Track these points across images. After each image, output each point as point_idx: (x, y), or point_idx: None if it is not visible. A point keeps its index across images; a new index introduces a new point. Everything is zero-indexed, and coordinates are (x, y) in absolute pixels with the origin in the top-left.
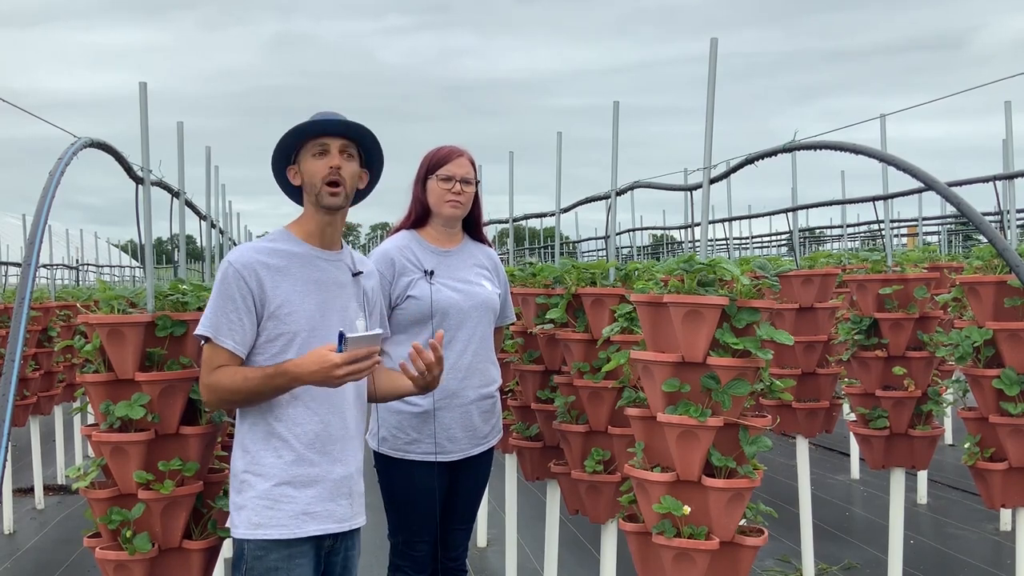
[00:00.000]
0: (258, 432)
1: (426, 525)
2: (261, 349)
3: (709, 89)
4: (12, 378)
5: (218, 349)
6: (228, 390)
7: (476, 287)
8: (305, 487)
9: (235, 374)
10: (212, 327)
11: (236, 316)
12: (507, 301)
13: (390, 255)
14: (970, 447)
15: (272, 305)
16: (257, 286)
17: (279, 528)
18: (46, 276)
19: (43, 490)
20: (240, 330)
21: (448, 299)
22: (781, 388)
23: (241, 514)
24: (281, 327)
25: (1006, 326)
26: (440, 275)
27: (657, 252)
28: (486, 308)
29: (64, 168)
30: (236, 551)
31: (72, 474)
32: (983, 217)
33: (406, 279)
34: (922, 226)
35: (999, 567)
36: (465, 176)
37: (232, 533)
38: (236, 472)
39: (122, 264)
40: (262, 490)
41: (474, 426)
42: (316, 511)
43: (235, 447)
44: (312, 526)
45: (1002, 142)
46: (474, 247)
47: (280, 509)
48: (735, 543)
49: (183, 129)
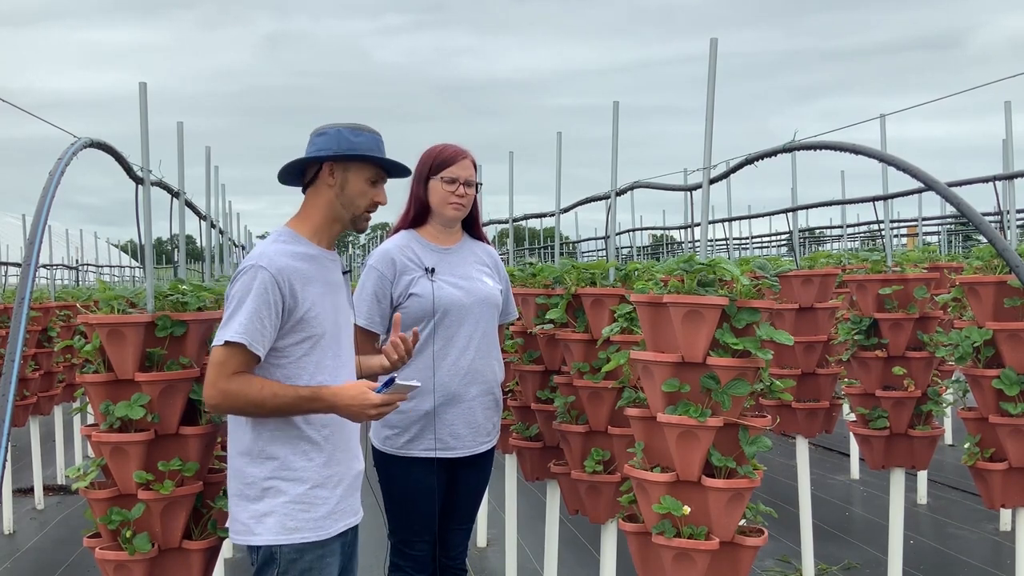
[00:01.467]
0: (284, 437)
1: (426, 524)
2: (287, 352)
3: (709, 89)
4: (12, 378)
5: (239, 353)
6: (251, 403)
7: (478, 283)
8: (336, 487)
9: (262, 389)
10: (247, 334)
11: (269, 323)
12: (509, 298)
13: (391, 254)
14: (970, 447)
15: (302, 310)
16: (290, 293)
17: (314, 530)
18: (46, 276)
19: (43, 490)
20: (269, 336)
21: (450, 296)
22: (781, 388)
23: (267, 521)
24: (309, 330)
25: (1006, 326)
26: (441, 272)
27: (657, 252)
28: (488, 304)
29: (64, 168)
30: (263, 557)
31: (72, 474)
32: (983, 217)
33: (408, 277)
34: (922, 226)
35: (999, 567)
36: (468, 179)
37: (250, 541)
38: (255, 480)
39: (122, 264)
40: (296, 494)
41: (478, 422)
42: (342, 508)
43: (244, 454)
44: (340, 523)
45: (1002, 142)
46: (474, 244)
47: (315, 511)
48: (735, 543)
49: (183, 129)
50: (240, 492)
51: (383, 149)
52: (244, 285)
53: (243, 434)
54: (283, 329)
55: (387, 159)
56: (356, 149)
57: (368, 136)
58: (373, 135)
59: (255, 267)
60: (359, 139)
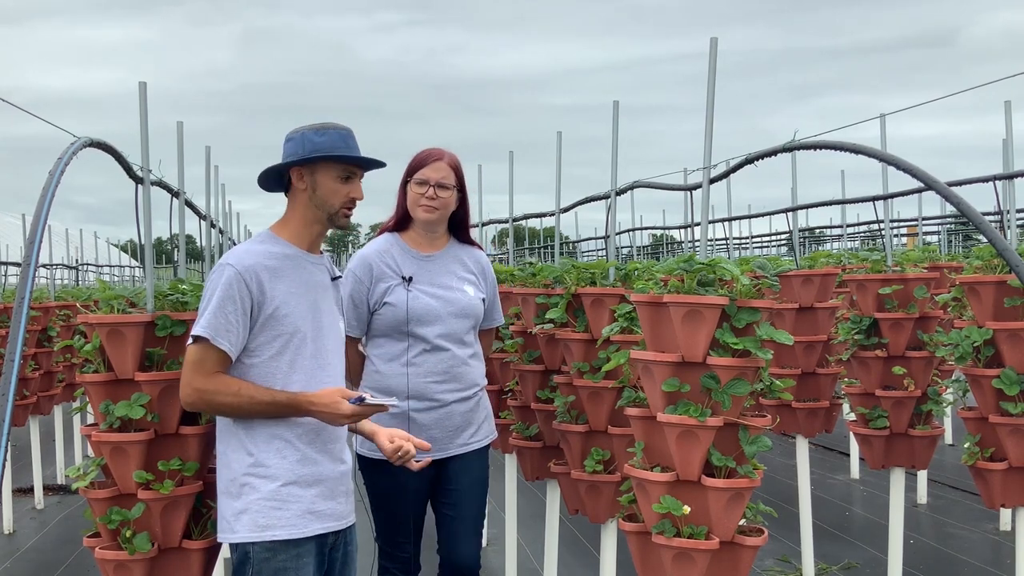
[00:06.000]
0: (260, 434)
1: (410, 525)
2: (258, 351)
3: (709, 89)
4: (12, 378)
5: (211, 351)
6: (227, 404)
7: (456, 293)
8: (310, 486)
9: (239, 391)
10: (212, 328)
11: (235, 319)
12: (494, 304)
13: (368, 260)
14: (970, 447)
15: (270, 307)
16: (258, 289)
17: (287, 528)
18: (46, 276)
19: (43, 490)
20: (236, 333)
21: (425, 306)
22: (781, 388)
23: (243, 518)
24: (279, 328)
25: (1006, 326)
26: (419, 281)
27: (657, 252)
28: (465, 314)
29: (64, 168)
30: (239, 556)
31: (72, 474)
32: (983, 217)
33: (384, 285)
34: (922, 226)
35: (999, 567)
36: (441, 180)
37: (229, 539)
38: (234, 476)
39: (122, 264)
40: (268, 491)
41: (455, 426)
42: (320, 509)
43: (228, 451)
44: (317, 524)
45: (1002, 142)
46: (459, 250)
47: (288, 509)
48: (735, 543)
49: (183, 129)
50: (224, 488)
51: (351, 144)
52: (212, 284)
53: (227, 431)
54: (255, 327)
55: (348, 155)
56: (318, 150)
57: (332, 134)
58: (338, 131)
59: (222, 265)
60: (322, 139)
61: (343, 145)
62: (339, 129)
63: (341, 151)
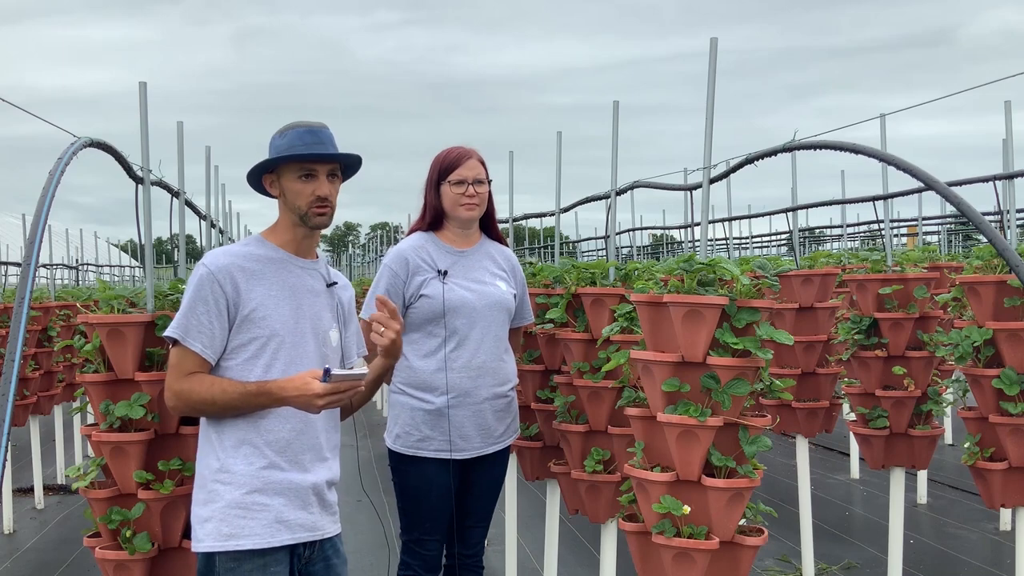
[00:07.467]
0: (229, 439)
1: (438, 523)
2: (234, 354)
3: (709, 89)
4: (12, 378)
5: (187, 352)
6: (202, 400)
7: (490, 287)
8: (277, 494)
9: (211, 385)
10: (181, 329)
11: (207, 319)
12: (524, 301)
13: (404, 255)
14: (970, 447)
15: (246, 308)
16: (232, 290)
17: (252, 537)
18: (46, 276)
19: (43, 490)
20: (209, 333)
21: (461, 298)
22: (781, 388)
23: (207, 526)
24: (255, 331)
25: (1006, 326)
26: (454, 275)
27: (657, 252)
28: (499, 308)
29: (64, 168)
30: (202, 564)
31: (72, 474)
32: (983, 217)
33: (420, 278)
34: (922, 226)
35: (999, 567)
36: (477, 177)
37: (195, 548)
38: (203, 483)
39: (122, 264)
40: (232, 499)
41: (488, 425)
42: (289, 519)
43: (201, 456)
44: (286, 535)
45: (1002, 142)
46: (491, 247)
47: (254, 518)
48: (735, 543)
49: (183, 129)
50: (195, 496)
51: (309, 140)
52: (187, 285)
53: (203, 435)
54: (233, 328)
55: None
56: (275, 153)
57: (291, 134)
58: (297, 130)
59: (198, 266)
60: (282, 141)
61: (299, 143)
62: (300, 127)
63: (297, 150)
